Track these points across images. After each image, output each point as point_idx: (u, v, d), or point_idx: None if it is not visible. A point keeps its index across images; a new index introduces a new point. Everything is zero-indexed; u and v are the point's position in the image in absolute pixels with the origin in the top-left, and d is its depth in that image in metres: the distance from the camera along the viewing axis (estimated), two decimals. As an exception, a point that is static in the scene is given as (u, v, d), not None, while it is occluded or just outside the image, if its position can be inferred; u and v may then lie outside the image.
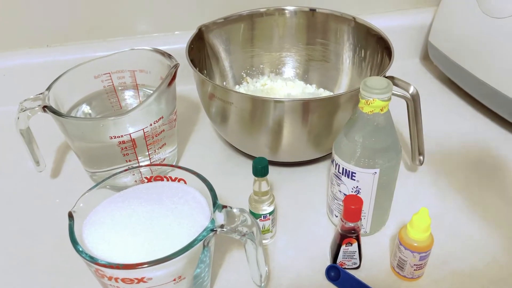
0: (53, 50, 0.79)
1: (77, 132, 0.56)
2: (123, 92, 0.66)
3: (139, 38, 0.81)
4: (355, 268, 0.51)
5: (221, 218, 0.42)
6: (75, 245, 0.39)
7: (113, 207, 0.44)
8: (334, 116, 0.57)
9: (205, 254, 0.43)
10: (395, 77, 0.56)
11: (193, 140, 0.72)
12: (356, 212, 0.46)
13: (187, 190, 0.46)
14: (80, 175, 0.63)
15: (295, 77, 0.77)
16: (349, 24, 0.70)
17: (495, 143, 0.69)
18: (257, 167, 0.48)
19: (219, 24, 0.70)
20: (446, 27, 0.78)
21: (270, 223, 0.53)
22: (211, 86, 0.59)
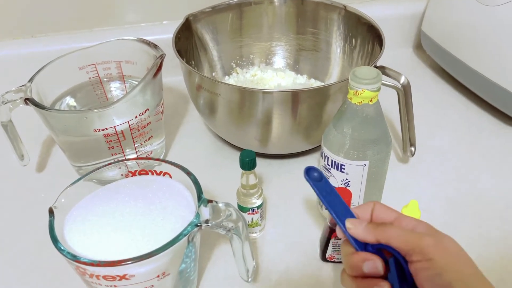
0: (38, 41, 0.77)
1: (61, 126, 0.55)
2: (109, 83, 0.64)
3: (126, 28, 0.79)
4: (345, 262, 0.50)
5: (206, 213, 0.41)
6: (55, 243, 0.38)
7: (96, 202, 0.43)
8: (324, 107, 0.55)
9: (190, 249, 0.42)
10: (386, 66, 0.55)
11: (181, 132, 0.70)
12: (345, 205, 0.45)
13: (172, 184, 0.45)
14: (66, 169, 0.61)
15: (285, 67, 0.76)
16: (340, 12, 0.69)
17: (488, 133, 0.68)
18: (244, 160, 0.47)
19: (207, 13, 0.68)
20: (439, 16, 0.77)
21: (259, 217, 0.52)
22: (198, 77, 0.57)
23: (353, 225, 0.36)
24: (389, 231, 0.34)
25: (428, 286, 0.31)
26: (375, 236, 0.35)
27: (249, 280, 0.45)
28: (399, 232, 0.34)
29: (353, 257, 0.35)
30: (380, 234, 0.35)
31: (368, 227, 0.35)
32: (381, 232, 0.35)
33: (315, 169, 0.39)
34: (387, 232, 0.34)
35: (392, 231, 0.34)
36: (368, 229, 0.35)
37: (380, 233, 0.35)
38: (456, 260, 0.32)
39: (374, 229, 0.35)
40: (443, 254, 0.31)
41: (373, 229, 0.35)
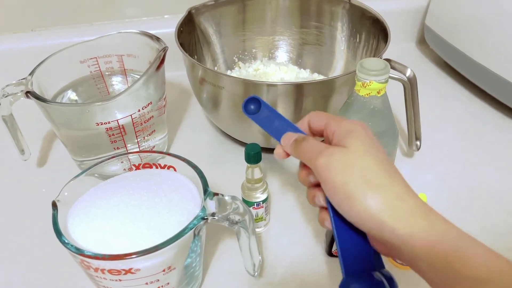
0: (37, 35, 0.76)
1: (62, 119, 0.54)
2: (111, 77, 0.63)
3: (127, 22, 0.78)
4: (351, 256, 0.49)
5: (212, 206, 0.40)
6: (59, 236, 0.37)
7: (100, 195, 0.42)
8: (329, 100, 0.55)
9: (196, 243, 0.41)
10: (391, 59, 0.55)
11: (184, 127, 0.70)
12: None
13: (177, 177, 0.45)
14: (68, 163, 0.61)
15: (288, 61, 0.75)
16: (344, 6, 0.68)
17: (492, 127, 0.68)
18: (249, 153, 0.47)
19: (210, 6, 0.68)
20: (443, 9, 0.76)
21: (264, 211, 0.51)
22: (201, 70, 0.57)
23: (283, 141, 0.38)
24: (301, 148, 0.35)
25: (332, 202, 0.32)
26: (294, 153, 0.36)
27: (255, 274, 0.45)
28: (306, 151, 0.35)
29: (302, 170, 0.37)
30: (296, 151, 0.36)
31: (292, 144, 0.37)
32: (298, 149, 0.36)
33: (252, 100, 0.39)
34: (300, 149, 0.35)
35: (302, 148, 0.35)
36: (292, 146, 0.37)
37: (296, 151, 0.36)
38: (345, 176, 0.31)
39: (295, 145, 0.36)
40: (332, 174, 0.31)
41: (295, 146, 0.36)
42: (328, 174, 0.31)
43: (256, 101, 0.39)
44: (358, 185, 0.30)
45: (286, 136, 0.38)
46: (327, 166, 0.32)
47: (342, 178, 0.31)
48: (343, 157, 0.32)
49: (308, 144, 0.35)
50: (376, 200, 0.30)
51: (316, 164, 0.32)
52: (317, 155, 0.33)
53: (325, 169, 0.32)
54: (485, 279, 0.26)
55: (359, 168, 0.31)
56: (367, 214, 0.30)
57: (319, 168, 0.32)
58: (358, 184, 0.30)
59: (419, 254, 0.29)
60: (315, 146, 0.34)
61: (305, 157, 0.35)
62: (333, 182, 0.31)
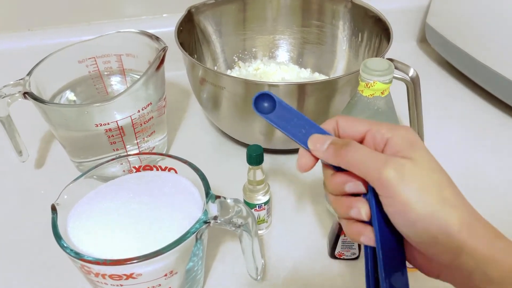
0: (35, 34, 0.75)
1: (61, 120, 0.53)
2: (110, 77, 0.63)
3: (126, 21, 0.77)
4: (354, 259, 0.49)
5: (214, 209, 0.40)
6: (59, 240, 0.37)
7: (100, 198, 0.42)
8: (331, 100, 0.54)
9: (198, 247, 0.41)
10: (394, 59, 0.54)
11: (183, 127, 0.69)
12: (355, 200, 0.44)
13: (178, 180, 0.44)
14: (66, 165, 0.60)
15: (289, 61, 0.75)
16: (346, 5, 0.67)
17: (495, 127, 0.67)
18: (251, 155, 0.46)
19: (210, 5, 0.67)
20: (444, 8, 0.75)
21: (266, 213, 0.51)
22: (202, 70, 0.56)
23: (314, 145, 0.32)
24: (349, 155, 0.30)
25: (397, 222, 0.28)
26: (336, 160, 0.31)
27: (258, 278, 0.44)
28: (359, 159, 0.29)
29: (334, 178, 0.32)
30: (341, 158, 0.30)
31: (329, 149, 0.31)
32: (342, 155, 0.30)
33: (264, 97, 0.34)
34: (348, 156, 0.30)
35: (353, 156, 0.30)
36: (329, 151, 0.31)
37: (341, 158, 0.30)
38: (423, 193, 0.27)
39: (336, 151, 0.31)
40: (406, 190, 0.27)
41: (335, 151, 0.31)
42: (400, 189, 0.27)
43: (269, 97, 0.34)
44: (438, 204, 0.27)
45: (316, 139, 0.32)
46: (398, 180, 0.27)
47: (418, 195, 0.27)
48: (415, 170, 0.28)
49: (360, 151, 0.30)
50: (456, 220, 0.27)
51: (382, 177, 0.28)
52: (381, 165, 0.28)
53: (396, 183, 0.27)
54: None
55: (435, 184, 0.28)
56: (446, 235, 0.27)
57: (385, 182, 0.27)
58: (437, 203, 0.27)
59: (495, 277, 0.26)
60: (371, 154, 0.29)
61: (357, 167, 0.29)
62: (406, 199, 0.27)
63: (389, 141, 0.30)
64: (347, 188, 0.31)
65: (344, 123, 0.33)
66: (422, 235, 0.27)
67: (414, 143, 0.29)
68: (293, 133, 0.33)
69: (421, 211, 0.27)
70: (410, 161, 0.28)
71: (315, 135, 0.33)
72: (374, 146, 0.31)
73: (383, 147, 0.30)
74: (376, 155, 0.29)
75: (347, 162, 0.30)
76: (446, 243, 0.27)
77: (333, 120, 0.33)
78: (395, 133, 0.30)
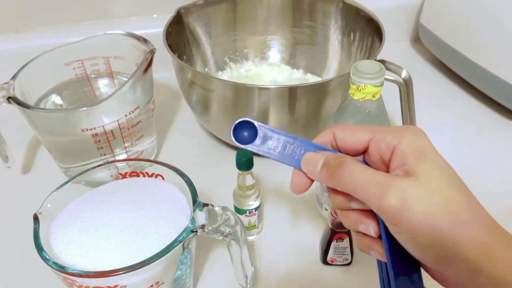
0: (22, 36, 0.74)
1: (46, 125, 0.52)
2: (97, 80, 0.61)
3: (114, 22, 0.76)
4: (347, 265, 0.48)
5: (202, 218, 0.39)
6: (40, 252, 0.36)
7: (84, 207, 0.41)
8: (323, 103, 0.53)
9: (186, 256, 0.40)
10: (386, 60, 0.53)
11: (173, 130, 0.68)
12: (347, 206, 0.43)
13: (165, 186, 0.43)
14: (54, 170, 0.58)
15: (281, 61, 0.74)
16: (337, 5, 0.66)
17: (489, 128, 0.66)
18: (241, 160, 0.45)
19: (199, 6, 0.66)
20: (438, 7, 0.75)
21: (256, 219, 0.50)
22: (190, 73, 0.55)
23: (307, 168, 0.29)
24: (344, 178, 0.27)
25: (406, 247, 0.26)
26: (331, 184, 0.28)
27: (248, 286, 0.43)
28: (356, 184, 0.26)
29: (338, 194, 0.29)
30: (336, 182, 0.27)
31: (323, 171, 0.28)
32: (336, 179, 0.27)
33: (244, 125, 0.30)
34: (343, 180, 0.27)
35: (348, 179, 0.27)
36: (323, 174, 0.28)
37: (336, 181, 0.27)
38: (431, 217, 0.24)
39: (329, 173, 0.28)
40: (411, 217, 0.24)
41: (328, 174, 0.28)
42: (404, 217, 0.25)
43: (249, 124, 0.30)
44: (449, 227, 0.24)
45: (308, 160, 0.29)
46: (401, 208, 0.25)
47: (426, 220, 0.24)
48: (420, 193, 0.25)
49: (355, 173, 0.27)
50: (472, 243, 0.24)
51: (383, 206, 0.25)
52: (381, 192, 0.25)
53: (399, 211, 0.25)
54: None
55: (444, 203, 0.25)
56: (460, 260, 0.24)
57: (387, 211, 0.25)
58: (448, 226, 0.24)
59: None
60: (369, 177, 0.26)
61: (355, 192, 0.27)
62: (413, 227, 0.25)
63: (396, 149, 0.27)
64: (353, 205, 0.29)
65: (341, 134, 0.29)
66: (435, 260, 0.25)
67: (423, 150, 0.27)
68: (283, 157, 0.30)
69: (431, 237, 0.24)
70: (414, 181, 0.25)
71: (307, 155, 0.30)
72: (380, 156, 0.28)
73: (390, 156, 0.28)
74: (374, 177, 0.26)
75: (344, 186, 0.27)
76: (461, 267, 0.25)
77: (329, 132, 0.30)
78: (402, 139, 0.27)
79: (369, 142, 0.29)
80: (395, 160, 0.27)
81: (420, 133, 0.28)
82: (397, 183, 0.25)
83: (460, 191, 0.26)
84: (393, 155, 0.27)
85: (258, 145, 0.31)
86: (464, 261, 0.24)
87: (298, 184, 0.30)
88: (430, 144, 0.27)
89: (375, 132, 0.28)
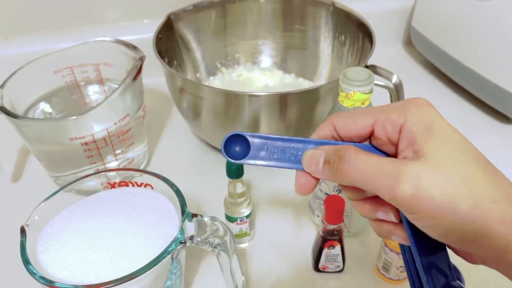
0: (11, 43, 0.73)
1: (35, 134, 0.51)
2: (87, 87, 0.61)
3: (105, 28, 0.75)
4: (339, 272, 0.48)
5: (191, 228, 0.38)
6: (27, 265, 0.35)
7: (72, 218, 0.40)
8: (313, 109, 0.53)
9: (175, 266, 0.39)
10: (377, 66, 0.53)
11: (165, 137, 0.67)
12: (337, 213, 0.43)
13: (154, 196, 0.42)
14: (44, 178, 0.58)
15: (272, 66, 0.73)
16: (328, 8, 0.66)
17: (480, 131, 0.66)
18: (231, 168, 0.45)
19: (189, 11, 0.65)
20: (429, 10, 0.75)
21: (248, 226, 0.50)
22: (180, 80, 0.54)
23: (309, 168, 0.27)
24: (349, 173, 0.25)
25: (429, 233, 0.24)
26: (337, 181, 0.26)
27: (238, 296, 0.43)
28: (363, 177, 0.24)
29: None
30: (340, 178, 0.26)
31: (325, 169, 0.26)
32: (341, 175, 0.25)
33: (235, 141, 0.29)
34: (348, 175, 0.25)
35: (354, 174, 0.25)
36: (325, 172, 0.26)
37: (341, 177, 0.25)
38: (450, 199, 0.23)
39: (332, 170, 0.26)
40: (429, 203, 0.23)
41: (331, 171, 0.26)
42: (422, 205, 0.23)
43: (239, 137, 0.29)
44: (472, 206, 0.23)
45: (308, 158, 0.27)
46: (417, 196, 0.23)
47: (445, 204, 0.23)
48: (435, 175, 0.23)
49: (360, 165, 0.25)
50: (497, 219, 0.23)
51: (397, 196, 0.23)
52: (392, 181, 0.23)
53: (415, 200, 0.23)
54: None
55: (463, 181, 0.23)
56: (487, 238, 0.23)
57: (402, 201, 0.23)
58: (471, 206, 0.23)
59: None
60: (376, 167, 0.24)
61: (364, 185, 0.25)
62: (432, 213, 0.23)
63: (403, 128, 0.25)
64: (368, 194, 0.27)
65: (342, 124, 0.27)
66: (460, 242, 0.24)
67: (431, 126, 0.25)
68: (282, 162, 0.29)
69: (452, 221, 0.23)
70: (426, 164, 0.23)
71: (306, 155, 0.28)
72: (387, 138, 0.26)
73: (398, 136, 0.26)
74: (382, 167, 0.24)
75: (350, 181, 0.25)
76: (489, 246, 0.23)
77: (328, 124, 0.28)
78: (407, 117, 0.25)
79: (373, 126, 0.27)
80: (403, 140, 0.25)
81: (426, 105, 0.26)
82: (408, 170, 0.23)
83: (478, 164, 0.24)
84: (401, 135, 0.25)
85: (253, 157, 0.29)
86: (491, 240, 0.23)
87: (303, 186, 0.28)
88: (437, 116, 0.25)
89: (378, 114, 0.26)
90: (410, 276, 0.29)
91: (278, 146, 0.29)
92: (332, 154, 0.26)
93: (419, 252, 0.26)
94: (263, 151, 0.29)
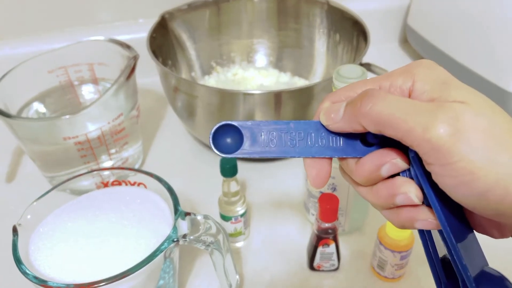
0: (5, 44, 0.73)
1: (28, 134, 0.51)
2: (81, 87, 0.61)
3: (99, 27, 0.75)
4: (334, 270, 0.48)
5: (184, 227, 0.38)
6: (19, 264, 0.35)
7: (64, 217, 0.40)
8: (308, 107, 0.53)
9: (168, 265, 0.39)
10: (371, 63, 0.53)
11: (159, 136, 0.67)
12: (332, 212, 0.43)
13: (147, 195, 0.42)
14: (39, 178, 0.58)
15: (268, 65, 0.73)
16: (322, 7, 0.66)
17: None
18: (225, 166, 0.45)
19: (183, 11, 0.65)
20: (425, 9, 0.74)
21: (242, 225, 0.49)
22: (174, 79, 0.54)
23: (327, 119, 0.24)
24: (375, 108, 0.21)
25: (458, 194, 0.21)
26: (360, 121, 0.22)
27: (232, 295, 0.43)
28: (391, 111, 0.21)
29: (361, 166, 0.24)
30: (363, 117, 0.22)
31: (347, 113, 0.23)
32: (365, 113, 0.22)
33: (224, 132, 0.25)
34: (374, 110, 0.21)
35: (380, 108, 0.21)
36: (347, 116, 0.23)
37: (364, 117, 0.22)
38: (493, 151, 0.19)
39: (356, 109, 0.22)
40: (469, 151, 0.19)
41: (353, 112, 0.22)
42: (461, 152, 0.19)
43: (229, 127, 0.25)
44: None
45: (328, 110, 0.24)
46: (455, 140, 0.19)
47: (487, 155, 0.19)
48: (477, 120, 0.20)
49: (389, 99, 0.21)
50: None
51: (431, 137, 0.20)
52: (427, 119, 0.20)
53: (453, 145, 0.19)
54: None
55: (506, 134, 0.20)
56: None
57: (436, 144, 0.20)
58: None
59: None
60: (407, 102, 0.21)
61: (391, 124, 0.21)
62: (472, 165, 0.19)
63: (413, 91, 0.22)
64: (384, 172, 0.23)
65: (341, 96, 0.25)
66: (495, 206, 0.20)
67: (446, 79, 0.22)
68: (282, 149, 0.25)
69: (493, 177, 0.19)
70: (467, 106, 0.20)
71: (323, 107, 0.24)
72: None
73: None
74: (415, 104, 0.21)
75: (376, 119, 0.21)
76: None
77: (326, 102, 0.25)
78: (415, 78, 0.22)
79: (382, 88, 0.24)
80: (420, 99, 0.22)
81: (432, 64, 0.23)
82: (446, 110, 0.20)
83: (506, 116, 0.21)
84: (414, 93, 0.22)
85: (248, 148, 0.25)
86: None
87: (316, 177, 0.25)
88: (450, 74, 0.22)
89: (381, 81, 0.23)
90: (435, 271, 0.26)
91: (275, 133, 0.25)
92: (355, 97, 0.23)
93: (454, 234, 0.22)
94: (259, 141, 0.25)
